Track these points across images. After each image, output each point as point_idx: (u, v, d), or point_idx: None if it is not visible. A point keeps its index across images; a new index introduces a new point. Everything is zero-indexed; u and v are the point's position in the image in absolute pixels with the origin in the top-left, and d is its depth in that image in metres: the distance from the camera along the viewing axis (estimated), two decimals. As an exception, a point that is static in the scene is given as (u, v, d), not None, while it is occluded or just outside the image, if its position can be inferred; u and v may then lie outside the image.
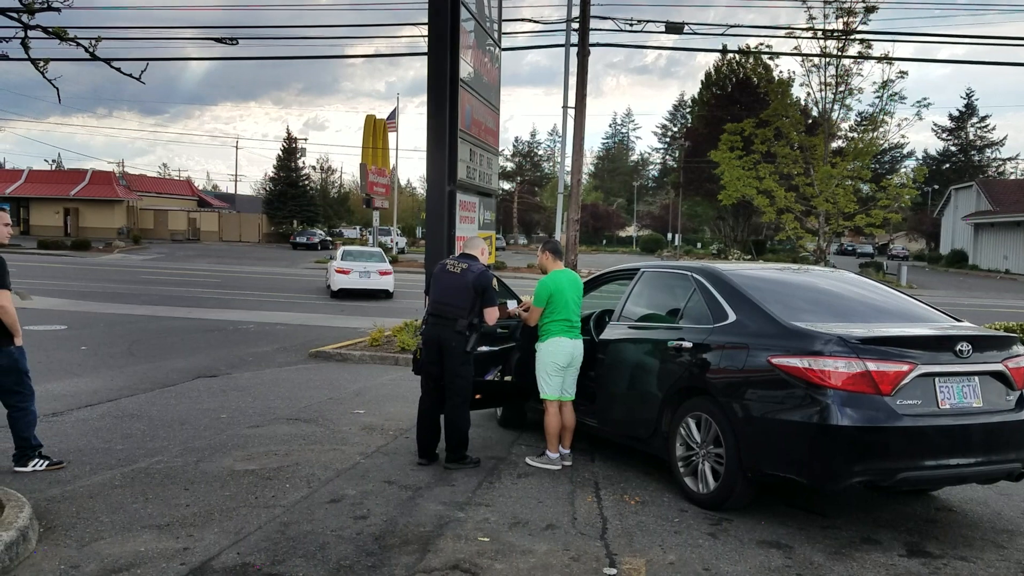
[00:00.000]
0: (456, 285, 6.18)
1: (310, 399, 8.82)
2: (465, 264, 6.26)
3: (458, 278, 6.19)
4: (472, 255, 6.38)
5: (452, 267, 6.30)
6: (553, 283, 6.36)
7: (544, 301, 6.33)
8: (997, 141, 78.27)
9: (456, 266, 6.28)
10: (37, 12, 5.29)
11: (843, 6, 29.94)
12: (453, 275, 6.24)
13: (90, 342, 12.73)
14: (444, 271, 6.33)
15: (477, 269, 6.21)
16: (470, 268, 6.21)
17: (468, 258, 6.35)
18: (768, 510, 5.38)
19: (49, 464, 5.85)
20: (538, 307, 6.36)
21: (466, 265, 6.24)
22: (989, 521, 5.40)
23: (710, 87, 62.84)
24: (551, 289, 6.33)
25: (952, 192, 62.84)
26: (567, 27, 20.11)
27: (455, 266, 6.29)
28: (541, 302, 6.34)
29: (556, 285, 6.35)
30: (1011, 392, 5.10)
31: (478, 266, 6.26)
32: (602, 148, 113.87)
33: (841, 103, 31.89)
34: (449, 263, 6.38)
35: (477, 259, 6.35)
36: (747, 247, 53.76)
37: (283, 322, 16.28)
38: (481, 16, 10.07)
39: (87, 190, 58.58)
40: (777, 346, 5.02)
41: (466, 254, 6.43)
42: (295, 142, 68.20)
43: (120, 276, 28.49)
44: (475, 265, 6.25)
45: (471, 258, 6.35)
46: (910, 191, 32.20)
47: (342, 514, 5.08)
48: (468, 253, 6.42)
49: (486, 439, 7.21)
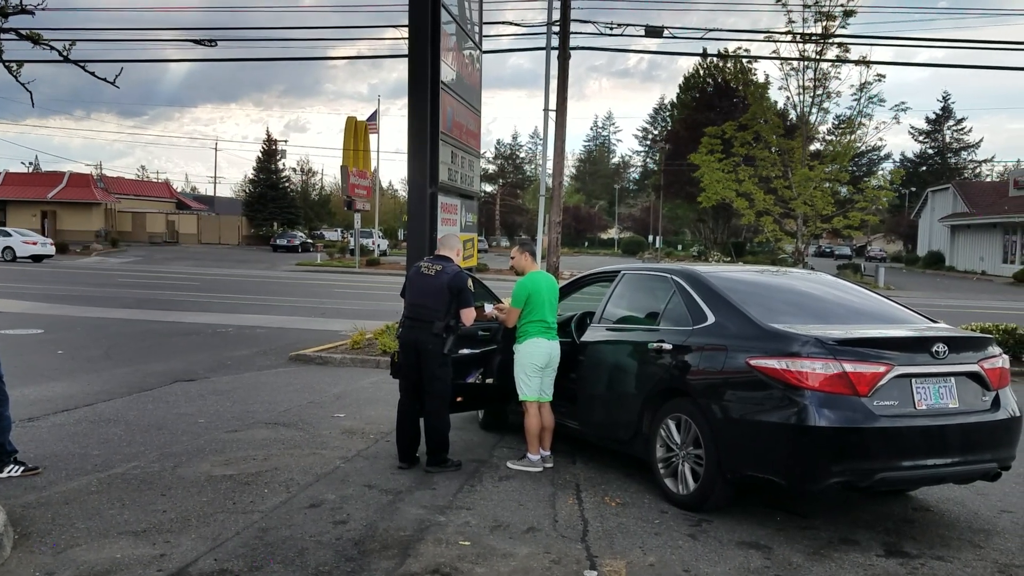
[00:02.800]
0: (431, 287, 6.16)
1: (290, 403, 8.76)
2: (439, 266, 6.24)
3: (433, 280, 6.17)
4: (446, 256, 6.37)
5: (426, 269, 6.28)
6: (531, 284, 6.37)
7: (523, 302, 6.33)
8: (973, 144, 79.18)
9: (431, 268, 6.26)
10: (10, 15, 5.22)
11: (822, 10, 30.22)
12: (428, 277, 6.22)
13: (67, 346, 12.59)
14: (418, 273, 6.31)
15: (452, 270, 6.20)
16: (444, 269, 6.19)
17: (442, 259, 6.34)
18: (747, 511, 5.40)
19: (24, 470, 5.77)
20: (516, 308, 6.36)
21: (440, 267, 6.22)
22: (966, 521, 5.46)
23: (689, 90, 63.19)
24: (529, 290, 6.33)
25: (929, 194, 63.53)
26: (547, 31, 20.15)
27: (429, 268, 6.27)
28: (520, 303, 6.34)
29: (534, 286, 6.35)
30: (987, 392, 5.15)
31: (453, 267, 6.25)
32: (584, 151, 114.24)
33: (819, 106, 32.18)
34: (423, 265, 6.35)
35: (452, 260, 6.34)
36: (727, 249, 54.06)
37: (263, 325, 16.17)
38: (462, 19, 10.06)
39: (65, 192, 58.01)
40: (755, 347, 5.05)
41: (440, 255, 6.41)
42: (275, 144, 67.92)
43: (98, 279, 28.21)
44: (449, 266, 6.24)
45: (445, 259, 6.33)
46: (887, 193, 32.54)
47: (321, 519, 5.04)
48: (442, 254, 6.41)
49: (467, 442, 7.19)
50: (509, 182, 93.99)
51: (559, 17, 19.73)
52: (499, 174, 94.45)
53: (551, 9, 20.08)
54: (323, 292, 25.66)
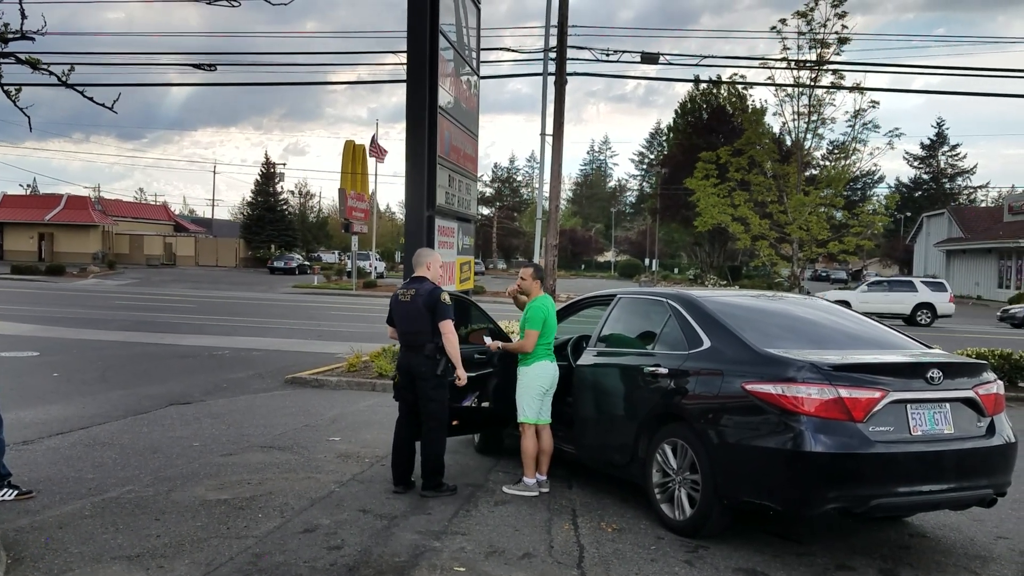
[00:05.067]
0: (411, 313, 6.21)
1: (285, 426, 8.74)
2: (413, 289, 6.27)
3: (410, 306, 6.22)
4: (420, 276, 6.39)
5: (403, 296, 6.31)
6: (544, 307, 6.41)
7: (541, 323, 6.35)
8: (968, 169, 79.65)
9: (406, 294, 6.29)
10: (10, 41, 5.26)
11: (816, 37, 30.56)
12: (406, 304, 6.26)
13: (62, 368, 12.55)
14: (398, 302, 6.34)
15: (425, 290, 6.22)
16: (419, 292, 6.23)
17: (417, 281, 6.36)
18: (744, 537, 5.39)
19: (18, 494, 5.74)
20: (536, 330, 6.34)
21: (414, 290, 6.26)
22: (962, 547, 5.45)
23: (686, 116, 63.60)
24: (544, 313, 6.37)
25: (924, 219, 63.81)
26: (544, 57, 20.33)
27: (405, 294, 6.30)
28: (538, 324, 6.34)
29: (546, 310, 6.40)
30: (982, 419, 5.16)
31: (426, 286, 6.27)
32: (580, 174, 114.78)
33: (814, 132, 32.43)
34: (400, 292, 6.38)
35: (425, 279, 6.36)
36: (723, 273, 54.18)
37: (259, 347, 16.14)
38: (460, 45, 10.17)
39: (62, 215, 58.03)
40: (751, 372, 5.06)
41: (415, 277, 6.44)
42: (274, 167, 68.17)
43: (94, 301, 28.16)
44: (423, 287, 6.26)
45: (419, 280, 6.36)
46: (882, 218, 32.69)
47: (316, 544, 5.02)
48: (417, 276, 6.43)
49: (463, 466, 7.17)
50: (506, 205, 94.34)
51: (556, 44, 19.91)
52: (496, 197, 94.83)
53: (548, 36, 20.28)
54: (320, 314, 25.64)
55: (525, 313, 6.46)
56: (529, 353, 6.40)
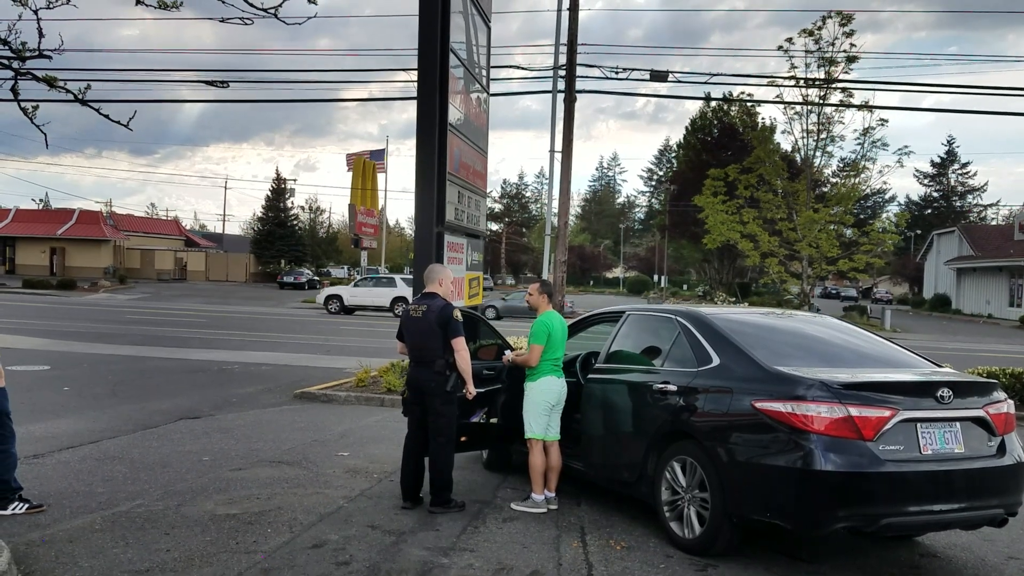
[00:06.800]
0: (422, 329, 6.24)
1: (294, 441, 8.75)
2: (425, 305, 6.30)
3: (422, 322, 6.24)
4: (431, 292, 6.42)
5: (414, 312, 6.34)
6: (550, 323, 6.45)
7: (545, 338, 6.39)
8: (978, 187, 79.49)
9: (417, 310, 6.32)
10: (28, 59, 5.34)
11: (825, 55, 30.61)
12: (417, 320, 6.28)
13: (73, 383, 12.61)
14: (409, 317, 6.38)
15: (437, 306, 6.25)
16: (430, 308, 6.25)
17: (428, 297, 6.39)
18: (754, 556, 5.36)
19: (29, 507, 5.77)
20: (540, 344, 6.39)
21: (426, 306, 6.28)
22: (973, 568, 5.41)
23: (695, 133, 63.68)
24: (549, 329, 6.41)
25: (935, 237, 63.59)
26: (554, 74, 20.44)
27: (416, 310, 6.33)
28: (542, 339, 6.39)
29: (552, 326, 6.44)
30: (992, 438, 5.14)
31: (438, 302, 6.30)
32: (589, 191, 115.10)
33: (823, 150, 32.43)
34: (411, 308, 6.41)
35: (436, 295, 6.39)
36: (732, 290, 54.01)
37: (268, 362, 16.19)
38: (470, 63, 10.24)
39: (74, 229, 58.45)
40: (760, 390, 5.06)
41: (426, 293, 6.46)
42: (284, 182, 68.67)
43: (105, 316, 28.30)
44: (434, 303, 6.29)
45: (430, 296, 6.39)
46: (892, 236, 32.65)
47: (324, 560, 5.02)
48: (428, 291, 6.46)
49: (471, 482, 7.17)
50: (515, 221, 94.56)
51: (565, 61, 20.01)
52: (505, 213, 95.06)
53: (558, 54, 20.38)
54: (328, 329, 25.69)
55: (531, 328, 6.51)
56: (535, 368, 6.42)
